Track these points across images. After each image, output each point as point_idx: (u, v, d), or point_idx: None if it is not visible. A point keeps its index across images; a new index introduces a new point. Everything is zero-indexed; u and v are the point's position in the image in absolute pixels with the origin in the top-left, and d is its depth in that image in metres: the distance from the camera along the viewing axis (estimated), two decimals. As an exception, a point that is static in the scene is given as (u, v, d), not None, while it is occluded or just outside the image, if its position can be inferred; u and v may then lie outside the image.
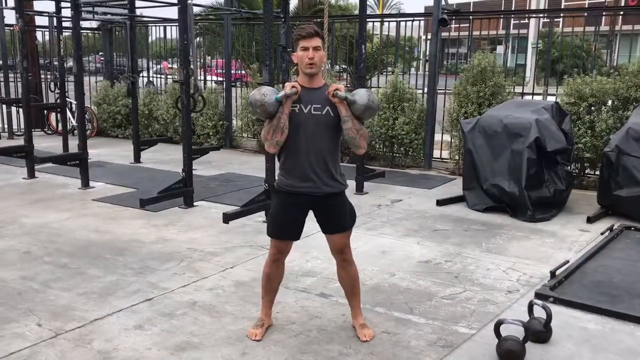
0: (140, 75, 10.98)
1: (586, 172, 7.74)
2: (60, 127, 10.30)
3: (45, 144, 10.50)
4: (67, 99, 9.54)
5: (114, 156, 9.54)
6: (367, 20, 7.53)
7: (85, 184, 7.27)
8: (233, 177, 8.14)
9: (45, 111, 12.13)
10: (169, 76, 12.30)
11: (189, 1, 6.12)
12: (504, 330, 3.23)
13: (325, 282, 4.27)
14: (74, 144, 9.14)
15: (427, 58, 9.42)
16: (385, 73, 10.38)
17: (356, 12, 8.78)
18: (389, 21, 9.27)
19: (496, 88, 8.05)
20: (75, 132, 11.24)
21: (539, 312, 3.42)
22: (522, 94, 8.68)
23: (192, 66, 6.26)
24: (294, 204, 3.26)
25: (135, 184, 7.58)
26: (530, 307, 3.46)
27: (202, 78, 11.48)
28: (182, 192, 6.36)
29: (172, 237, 5.35)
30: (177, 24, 10.93)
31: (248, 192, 7.17)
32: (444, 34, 8.86)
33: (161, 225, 5.72)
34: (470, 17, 8.65)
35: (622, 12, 12.81)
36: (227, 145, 10.55)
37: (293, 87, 3.16)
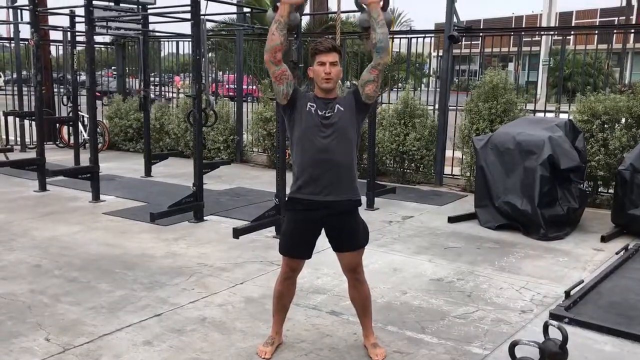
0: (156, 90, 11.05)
1: (599, 190, 7.65)
2: (72, 141, 10.36)
3: (57, 157, 10.54)
4: (79, 112, 9.60)
5: (125, 170, 9.57)
6: (408, 36, 7.53)
7: (96, 198, 7.28)
8: (243, 192, 8.12)
9: (58, 124, 12.22)
10: (180, 91, 12.38)
11: (202, 17, 6.14)
12: (519, 351, 3.17)
13: (337, 299, 4.22)
14: (85, 157, 9.17)
15: (437, 74, 9.41)
16: (396, 89, 10.37)
17: (368, 28, 8.79)
18: (400, 38, 9.28)
19: (508, 105, 8.01)
20: (87, 145, 11.34)
21: (555, 333, 3.35)
22: (534, 111, 8.63)
23: (204, 81, 6.27)
24: (307, 220, 3.22)
25: (145, 197, 7.58)
26: (546, 327, 3.38)
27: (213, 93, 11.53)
28: (192, 206, 6.35)
29: (182, 252, 5.32)
30: (189, 39, 11.08)
31: (258, 206, 7.15)
32: (455, 51, 8.86)
33: (171, 240, 5.70)
34: (482, 34, 8.62)
35: (633, 30, 12.77)
36: (238, 160, 10.56)
37: None
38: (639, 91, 7.21)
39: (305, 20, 14.47)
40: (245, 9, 10.57)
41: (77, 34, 9.37)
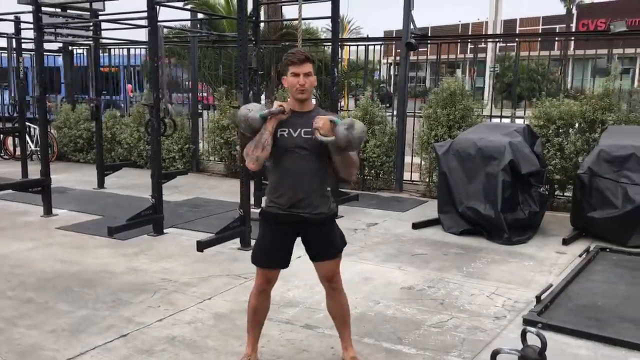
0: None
1: (556, 193, 7.82)
2: (18, 152, 9.91)
3: (2, 169, 10.07)
4: (26, 122, 9.19)
5: (76, 182, 9.20)
6: (341, 44, 7.50)
7: (48, 212, 6.95)
8: (202, 202, 7.93)
9: (1, 135, 11.69)
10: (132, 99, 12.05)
11: (160, 23, 5.96)
12: (499, 360, 3.14)
13: (309, 312, 4.12)
14: (33, 169, 8.81)
15: (383, 81, 9.46)
16: (354, 96, 10.38)
17: (321, 36, 8.81)
18: (357, 45, 9.29)
19: (465, 111, 8.11)
20: (34, 157, 10.87)
21: (532, 339, 3.35)
22: (491, 117, 8.77)
23: (162, 89, 6.08)
24: (282, 230, 3.13)
25: (100, 210, 7.30)
26: (524, 334, 3.37)
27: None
28: (151, 219, 6.13)
29: (143, 267, 5.12)
30: (142, 46, 10.80)
31: (219, 217, 6.99)
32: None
33: (131, 255, 5.48)
34: (439, 41, 8.72)
35: (573, 38, 13.21)
36: (194, 169, 10.32)
37: (280, 105, 3.06)
38: (592, 96, 7.41)
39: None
40: (200, 15, 10.36)
41: (22, 41, 8.97)
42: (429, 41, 9.23)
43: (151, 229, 6.19)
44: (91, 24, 8.22)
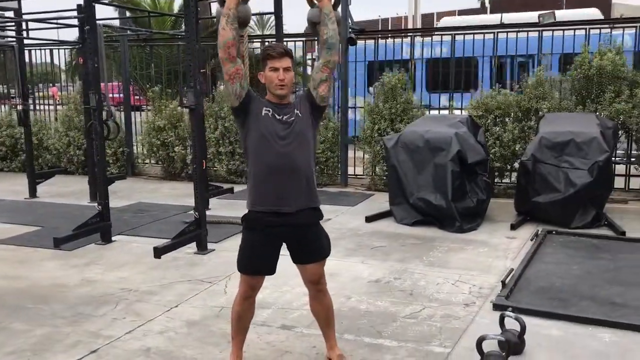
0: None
1: (495, 181, 8.10)
2: None
3: None
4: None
5: (4, 192, 8.64)
6: (285, 40, 7.45)
7: (-20, 226, 6.50)
8: (145, 207, 7.65)
9: None
10: (58, 102, 11.45)
11: (99, 22, 5.69)
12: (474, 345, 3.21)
13: (283, 312, 4.06)
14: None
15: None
16: (294, 92, 10.32)
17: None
18: (295, 41, 9.24)
19: (407, 105, 8.25)
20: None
21: (510, 323, 3.45)
22: (429, 109, 8.96)
23: (103, 91, 5.81)
24: (267, 234, 3.04)
25: (37, 221, 6.89)
26: (502, 319, 3.48)
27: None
28: (99, 227, 5.85)
29: (98, 278, 4.87)
30: (71, 46, 10.28)
31: (167, 222, 6.79)
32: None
33: (82, 266, 5.21)
34: (378, 35, 8.81)
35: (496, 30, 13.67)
36: (129, 173, 9.94)
37: None
38: (526, 86, 7.72)
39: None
40: (128, 13, 9.98)
41: None
42: (366, 36, 9.31)
43: (98, 237, 5.92)
44: (13, 24, 7.72)
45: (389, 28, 37.42)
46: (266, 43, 9.99)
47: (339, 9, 5.49)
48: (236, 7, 2.97)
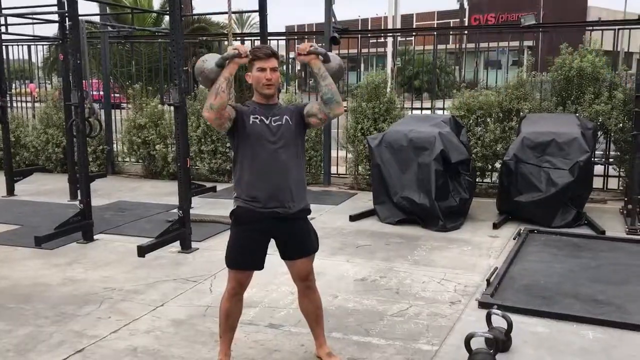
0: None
1: (477, 180, 8.17)
2: None
3: None
4: None
5: (-20, 190, 8.47)
6: (270, 38, 7.43)
7: (-43, 224, 6.37)
8: (127, 206, 7.57)
9: None
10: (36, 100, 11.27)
11: (81, 17, 5.61)
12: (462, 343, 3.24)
13: (270, 311, 4.05)
14: None
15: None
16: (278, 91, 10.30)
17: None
18: (277, 39, 9.23)
19: (389, 104, 8.28)
20: None
21: (496, 321, 3.49)
22: (412, 109, 9.00)
23: (86, 88, 5.73)
24: (256, 228, 3.04)
25: (16, 220, 6.77)
26: (489, 317, 3.51)
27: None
28: (81, 225, 5.77)
29: (81, 277, 4.81)
30: (51, 42, 10.12)
31: (149, 220, 6.73)
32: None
33: (64, 265, 5.13)
34: (359, 35, 8.83)
35: (466, 32, 13.79)
36: (110, 172, 9.81)
37: (235, 49, 2.99)
38: (507, 87, 7.81)
39: (166, 20, 13.97)
40: (108, 9, 9.86)
41: None
42: (349, 35, 9.32)
43: (79, 236, 5.84)
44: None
45: (369, 28, 37.58)
46: (246, 42, 9.98)
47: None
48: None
